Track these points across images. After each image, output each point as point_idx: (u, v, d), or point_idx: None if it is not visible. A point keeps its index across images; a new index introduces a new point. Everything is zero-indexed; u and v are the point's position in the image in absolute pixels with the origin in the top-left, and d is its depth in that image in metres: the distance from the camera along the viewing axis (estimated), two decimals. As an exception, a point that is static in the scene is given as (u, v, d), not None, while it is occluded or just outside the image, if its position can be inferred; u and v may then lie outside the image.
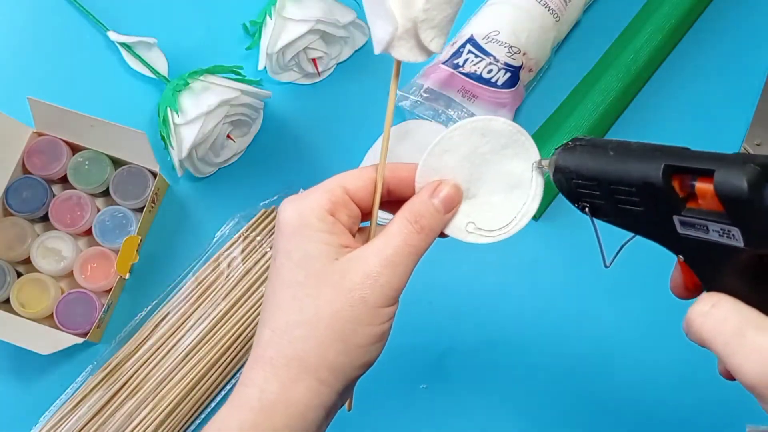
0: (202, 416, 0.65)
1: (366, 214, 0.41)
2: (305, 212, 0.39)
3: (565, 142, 0.39)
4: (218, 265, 0.68)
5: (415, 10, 0.36)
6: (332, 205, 0.39)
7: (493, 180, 0.42)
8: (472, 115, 0.70)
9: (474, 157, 0.42)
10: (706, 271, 0.35)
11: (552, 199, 0.71)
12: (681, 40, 0.76)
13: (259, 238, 0.68)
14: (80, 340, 0.63)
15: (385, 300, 0.38)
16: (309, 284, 0.38)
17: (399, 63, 0.40)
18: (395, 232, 0.39)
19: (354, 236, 0.41)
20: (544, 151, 0.43)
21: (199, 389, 0.64)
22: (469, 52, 0.68)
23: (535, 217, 0.70)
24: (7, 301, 0.65)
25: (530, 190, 0.42)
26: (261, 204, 0.70)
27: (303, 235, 0.38)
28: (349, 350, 0.37)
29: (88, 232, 0.68)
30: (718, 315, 0.32)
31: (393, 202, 0.42)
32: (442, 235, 0.42)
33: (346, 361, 0.38)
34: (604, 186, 0.36)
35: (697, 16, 0.76)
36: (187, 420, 0.64)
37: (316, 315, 0.37)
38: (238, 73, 0.68)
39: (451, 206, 0.40)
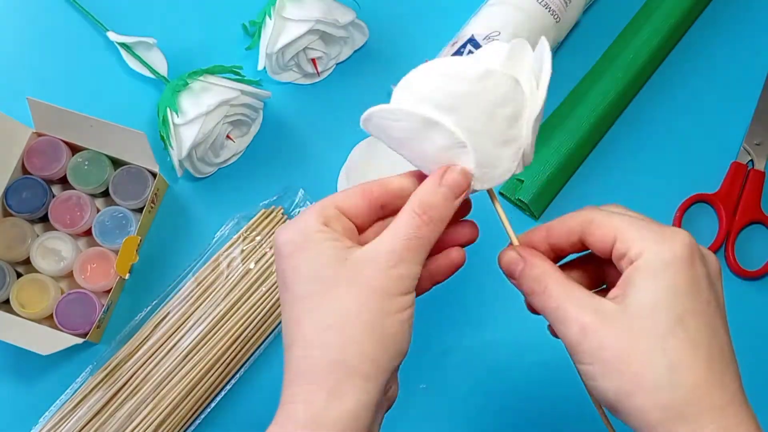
0: (202, 416, 0.66)
1: (361, 230, 0.42)
2: (302, 230, 0.39)
3: None
4: (218, 265, 0.68)
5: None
6: (326, 219, 0.40)
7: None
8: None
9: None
10: None
11: (551, 199, 0.71)
12: (681, 39, 0.76)
13: (259, 238, 0.68)
14: (80, 340, 0.63)
15: (404, 288, 0.39)
16: (325, 290, 0.38)
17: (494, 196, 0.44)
18: (403, 224, 0.39)
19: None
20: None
21: (199, 389, 0.65)
22: (470, 52, 0.69)
23: (535, 217, 0.71)
24: (7, 301, 0.65)
25: None
26: (261, 204, 0.70)
27: (306, 249, 0.39)
28: (383, 339, 0.38)
29: (88, 233, 0.68)
30: (547, 292, 0.39)
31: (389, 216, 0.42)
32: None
33: (382, 352, 0.38)
34: None
35: (697, 16, 0.77)
36: (187, 420, 0.65)
37: (342, 314, 0.38)
38: (238, 73, 0.68)
39: (460, 192, 0.40)
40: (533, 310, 0.42)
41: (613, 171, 0.73)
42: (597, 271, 0.43)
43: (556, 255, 0.43)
